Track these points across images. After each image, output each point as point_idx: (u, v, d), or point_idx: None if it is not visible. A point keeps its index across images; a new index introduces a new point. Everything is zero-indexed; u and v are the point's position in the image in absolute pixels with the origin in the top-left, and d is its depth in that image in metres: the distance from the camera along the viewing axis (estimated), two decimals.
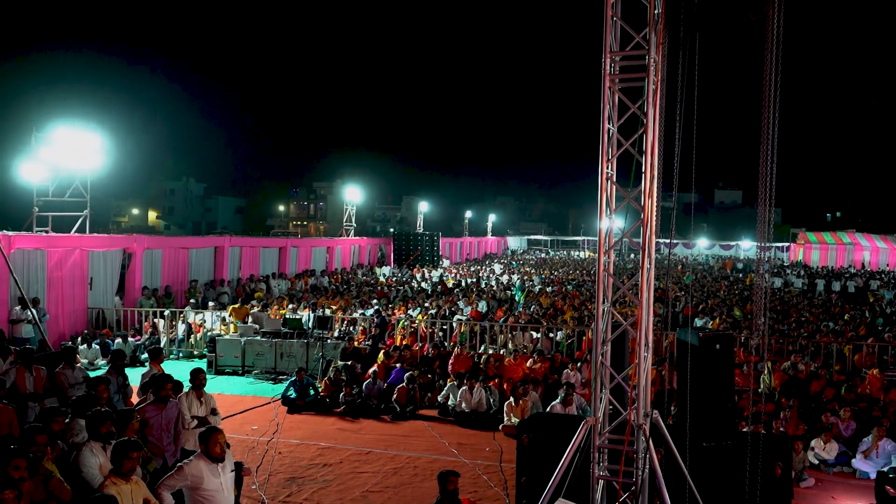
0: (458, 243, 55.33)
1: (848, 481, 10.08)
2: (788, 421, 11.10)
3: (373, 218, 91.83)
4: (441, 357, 15.22)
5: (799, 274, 41.66)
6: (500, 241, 73.00)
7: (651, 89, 6.07)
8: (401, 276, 33.98)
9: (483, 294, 25.41)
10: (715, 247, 68.79)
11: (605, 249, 6.24)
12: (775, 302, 25.20)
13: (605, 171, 6.18)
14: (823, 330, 18.26)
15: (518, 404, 12.09)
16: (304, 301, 21.93)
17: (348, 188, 40.54)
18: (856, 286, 34.50)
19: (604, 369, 6.30)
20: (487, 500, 8.97)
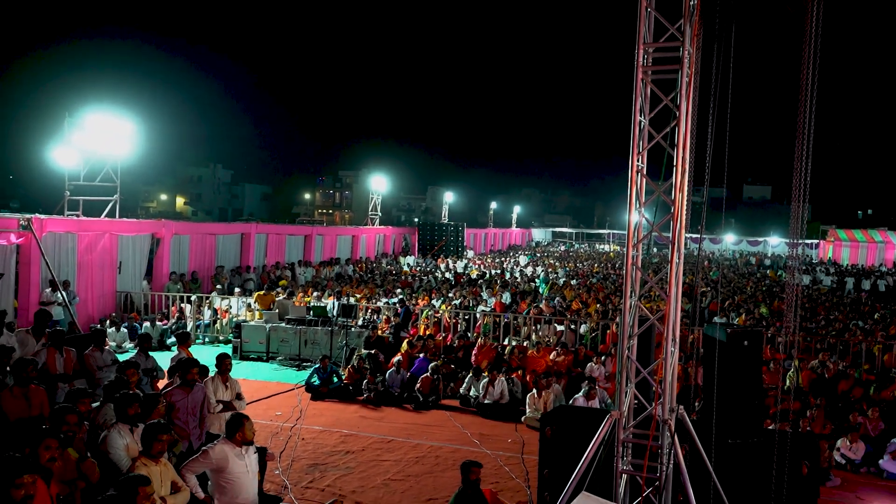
0: (483, 234, 55.26)
1: (875, 482, 9.95)
2: (815, 420, 10.97)
3: (398, 207, 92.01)
4: (464, 348, 15.23)
5: (828, 271, 41.07)
6: (525, 232, 72.81)
7: (684, 82, 5.99)
8: (425, 266, 34.02)
9: (507, 286, 25.37)
10: (742, 242, 68.02)
11: (633, 243, 6.19)
12: (804, 299, 24.88)
13: (635, 164, 6.11)
14: (852, 329, 18.00)
15: (540, 396, 12.07)
16: (329, 289, 22.06)
17: (374, 177, 40.62)
18: (886, 285, 33.98)
19: (630, 363, 6.26)
20: (509, 491, 8.97)
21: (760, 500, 6.28)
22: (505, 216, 71.31)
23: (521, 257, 44.66)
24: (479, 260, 40.97)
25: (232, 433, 6.04)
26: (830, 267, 46.31)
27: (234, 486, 5.95)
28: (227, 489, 5.95)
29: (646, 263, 27.16)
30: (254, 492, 6.15)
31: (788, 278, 36.95)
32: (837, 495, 9.28)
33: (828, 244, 59.77)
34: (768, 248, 65.05)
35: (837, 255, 56.43)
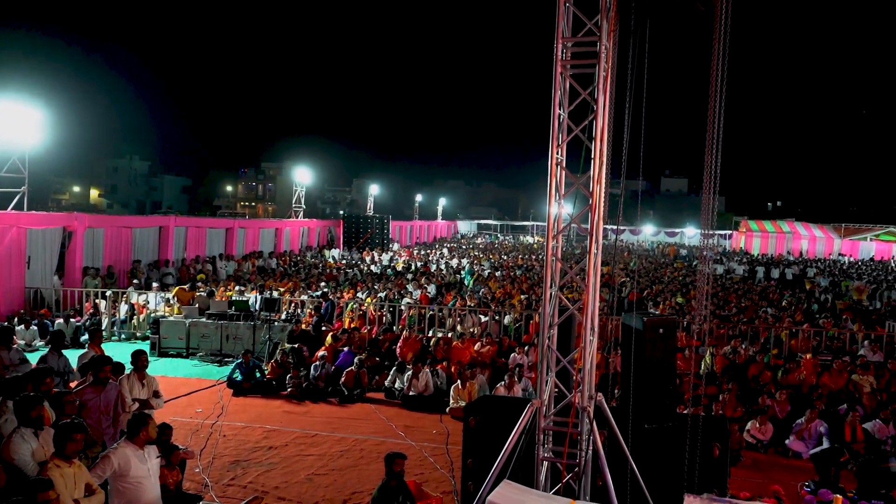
0: (409, 226, 55.24)
1: (781, 461, 10.44)
2: (727, 403, 11.41)
3: (323, 200, 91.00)
4: (390, 340, 15.21)
5: (740, 261, 42.75)
6: (451, 224, 73.15)
7: (601, 76, 6.12)
8: (350, 259, 33.78)
9: (432, 278, 25.45)
10: (661, 234, 70.15)
11: (553, 234, 6.29)
12: (717, 288, 25.85)
13: (554, 157, 6.21)
14: (762, 315, 18.79)
15: (465, 387, 12.17)
16: (252, 283, 21.67)
17: (298, 169, 40.08)
18: (793, 273, 35.57)
19: (550, 353, 6.37)
20: (434, 481, 9.03)
21: (674, 482, 6.49)
22: (430, 208, 71.49)
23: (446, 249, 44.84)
24: (404, 252, 40.95)
25: (135, 432, 5.87)
26: (742, 256, 48.23)
27: (133, 490, 5.76)
28: (127, 494, 5.76)
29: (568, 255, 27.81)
30: (155, 495, 5.98)
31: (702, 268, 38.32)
32: (747, 474, 9.69)
33: (740, 235, 62.24)
34: (685, 239, 67.27)
35: (749, 245, 58.83)
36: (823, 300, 24.87)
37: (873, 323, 19.37)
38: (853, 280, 31.72)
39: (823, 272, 36.93)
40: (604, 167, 6.15)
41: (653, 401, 7.15)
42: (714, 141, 5.78)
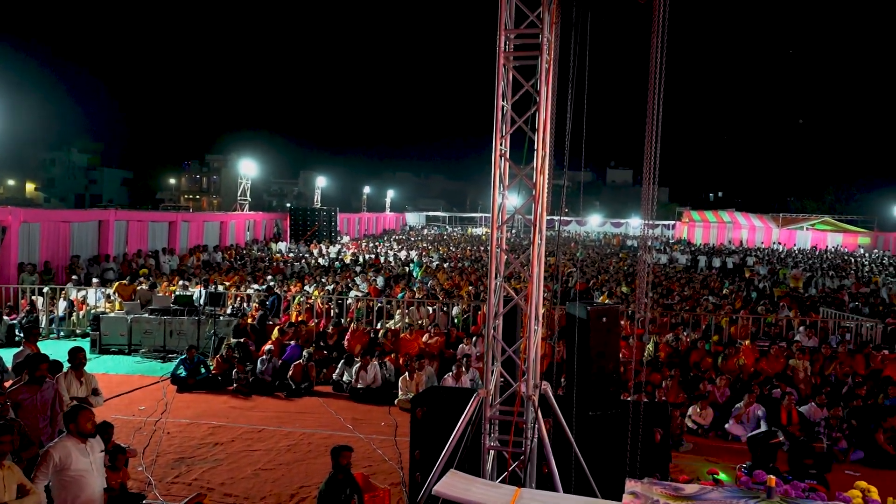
0: (357, 219, 54.96)
1: (722, 444, 10.74)
2: (670, 390, 11.68)
3: (269, 192, 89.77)
4: (337, 333, 15.12)
5: (683, 251, 43.69)
6: (399, 216, 73.03)
7: (544, 68, 6.17)
8: (298, 252, 33.46)
9: (381, 270, 25.39)
10: (607, 224, 71.22)
11: (497, 225, 6.33)
12: (661, 278, 26.38)
13: (498, 148, 6.24)
14: (704, 304, 19.25)
15: (413, 379, 12.19)
16: (197, 277, 21.29)
17: (243, 161, 39.48)
18: (734, 262, 36.50)
19: (495, 343, 6.42)
20: (382, 473, 9.03)
21: (618, 467, 6.62)
22: (379, 200, 71.17)
23: (395, 241, 44.70)
24: (353, 245, 40.74)
25: (69, 426, 5.74)
26: (685, 246, 49.31)
27: (76, 484, 5.64)
28: (70, 488, 5.64)
29: (517, 245, 28.06)
30: (98, 491, 5.85)
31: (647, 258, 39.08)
32: (689, 458, 9.94)
33: (683, 225, 63.59)
34: (630, 230, 68.43)
35: (692, 235, 60.16)
36: (762, 288, 25.60)
37: (808, 309, 20.03)
38: (790, 268, 32.70)
39: (762, 261, 38.00)
40: (547, 158, 6.21)
41: (597, 388, 7.28)
42: (654, 133, 5.89)
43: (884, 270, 34.66)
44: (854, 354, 13.60)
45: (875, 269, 35.16)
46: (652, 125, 5.85)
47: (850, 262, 40.37)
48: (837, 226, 60.74)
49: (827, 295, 23.40)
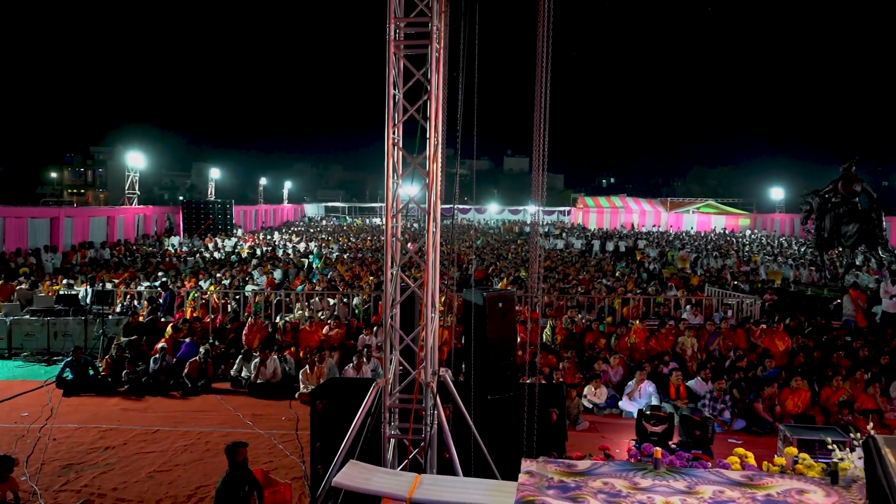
0: (254, 211, 53.68)
1: (617, 421, 11.17)
2: (566, 371, 12.03)
3: (160, 185, 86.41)
4: (235, 329, 14.77)
5: (578, 236, 44.99)
6: (298, 208, 71.88)
7: (434, 56, 6.20)
8: (192, 247, 32.42)
9: (279, 263, 24.94)
10: (504, 212, 72.35)
11: (392, 214, 6.34)
12: (557, 262, 27.08)
13: (391, 137, 6.24)
14: (597, 287, 19.90)
15: (314, 371, 12.07)
16: (83, 275, 20.29)
17: (131, 154, 37.87)
18: (626, 246, 37.85)
19: (393, 332, 6.43)
20: (283, 468, 8.92)
21: (517, 449, 6.77)
22: (276, 192, 69.74)
23: (294, 233, 43.96)
24: (249, 238, 39.82)
25: None
26: (580, 231, 50.79)
27: None
28: None
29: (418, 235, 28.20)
30: None
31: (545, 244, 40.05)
32: (585, 436, 10.28)
33: (577, 211, 65.43)
34: (527, 216, 69.82)
35: (586, 220, 61.98)
36: (653, 270, 26.69)
37: (694, 289, 21.04)
38: (678, 250, 34.22)
39: (652, 244, 39.59)
40: (440, 147, 6.26)
41: (495, 373, 7.41)
42: (542, 120, 6.03)
43: (762, 249, 36.82)
44: (736, 330, 14.39)
45: (754, 249, 37.32)
46: (540, 113, 5.99)
47: (732, 242, 42.65)
48: (720, 208, 64.08)
49: (711, 275, 24.62)
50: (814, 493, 4.23)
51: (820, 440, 6.64)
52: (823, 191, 20.53)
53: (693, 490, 4.24)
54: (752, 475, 4.59)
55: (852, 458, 4.89)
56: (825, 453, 5.84)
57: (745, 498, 4.14)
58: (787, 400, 10.89)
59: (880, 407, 10.61)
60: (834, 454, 4.98)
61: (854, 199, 19.74)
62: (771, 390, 10.94)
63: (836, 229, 19.73)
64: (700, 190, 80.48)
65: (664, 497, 4.13)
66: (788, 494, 4.20)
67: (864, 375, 11.36)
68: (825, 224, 20.25)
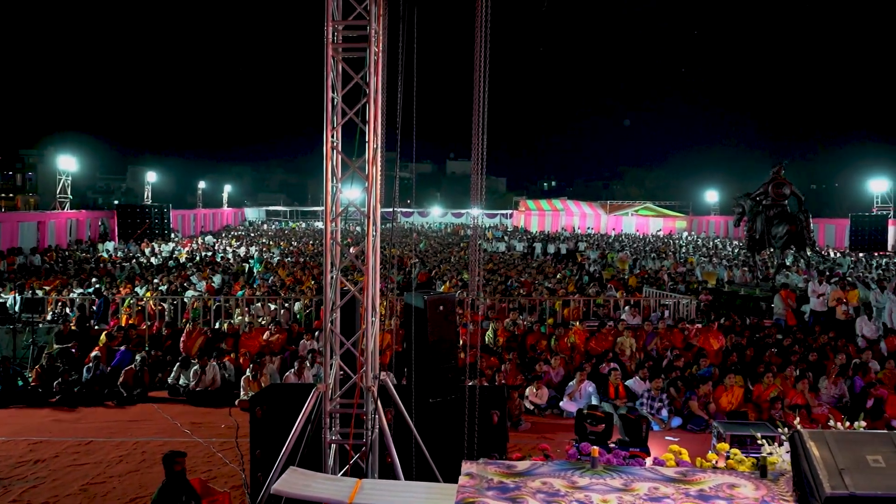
0: (192, 215, 52.66)
1: (558, 422, 11.31)
2: (508, 373, 12.12)
3: (94, 189, 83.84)
4: (172, 335, 14.45)
5: (520, 238, 45.42)
6: (238, 212, 70.80)
7: (373, 59, 6.20)
8: (127, 252, 31.62)
9: (218, 268, 24.51)
10: (447, 215, 72.53)
11: (331, 218, 6.30)
12: (499, 265, 27.29)
13: (329, 140, 6.21)
14: (539, 289, 20.12)
15: (255, 378, 11.90)
16: (11, 282, 19.58)
17: (62, 157, 36.74)
18: (567, 248, 38.38)
19: (333, 336, 6.39)
20: (223, 477, 8.77)
21: (459, 451, 6.79)
22: (215, 196, 68.49)
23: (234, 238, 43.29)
24: (188, 242, 39.02)
25: None
26: (522, 234, 51.31)
27: None
28: None
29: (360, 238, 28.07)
30: None
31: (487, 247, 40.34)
32: (527, 437, 10.38)
33: (520, 213, 66.07)
34: (471, 220, 70.15)
35: (528, 223, 62.65)
36: (593, 271, 27.11)
37: (632, 290, 21.46)
38: (617, 252, 34.86)
39: (593, 246, 40.23)
40: (379, 150, 6.25)
41: (436, 376, 7.43)
42: (480, 123, 6.07)
43: (697, 251, 37.79)
44: (672, 329, 14.73)
45: (690, 250, 38.28)
46: (479, 116, 6.03)
47: (669, 244, 43.66)
48: (658, 211, 65.61)
49: (649, 276, 25.14)
50: (744, 486, 4.36)
51: (751, 436, 6.86)
52: (755, 194, 21.17)
53: (629, 487, 4.33)
54: (686, 471, 4.71)
55: (780, 452, 5.06)
56: (756, 448, 6.03)
57: (678, 494, 4.24)
58: (721, 397, 11.20)
59: (808, 402, 10.99)
60: (763, 449, 5.14)
61: (783, 201, 20.41)
62: (706, 388, 11.23)
63: (767, 231, 20.36)
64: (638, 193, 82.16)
65: (601, 495, 4.21)
66: (720, 489, 4.32)
67: (794, 372, 11.76)
68: (756, 226, 20.88)
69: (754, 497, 4.19)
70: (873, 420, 10.52)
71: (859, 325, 15.28)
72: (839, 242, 41.78)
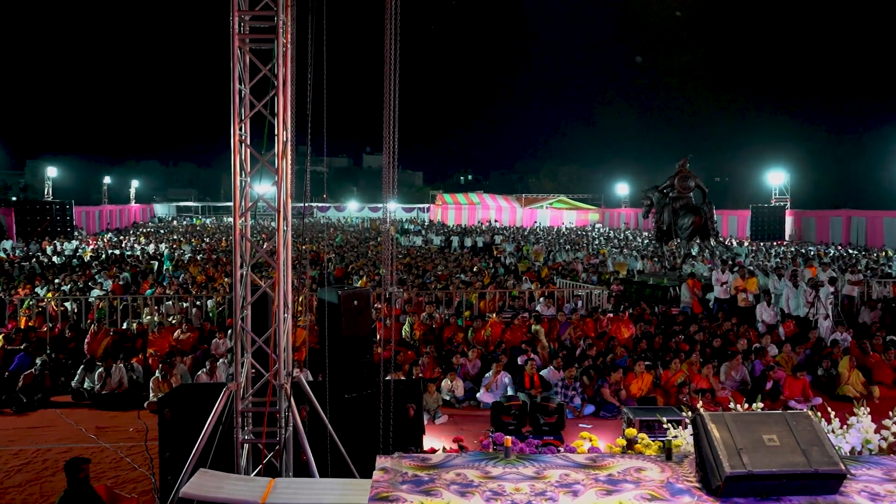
0: (97, 212, 50.61)
1: (475, 413, 11.40)
2: (426, 366, 12.16)
3: None
4: (76, 337, 13.85)
5: (438, 232, 45.60)
6: (147, 208, 68.49)
7: (281, 51, 6.08)
8: (27, 251, 30.11)
9: (126, 266, 23.64)
10: (364, 209, 72.10)
11: (240, 213, 6.16)
12: (417, 259, 27.32)
13: (237, 133, 6.06)
14: (455, 282, 20.25)
15: (165, 379, 11.53)
16: None
17: None
18: (484, 241, 38.75)
19: (244, 334, 6.26)
20: (132, 482, 8.47)
21: (375, 447, 6.77)
22: (122, 191, 65.99)
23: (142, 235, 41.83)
24: (93, 240, 37.47)
25: None
26: (440, 228, 51.52)
27: None
28: None
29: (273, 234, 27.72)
30: None
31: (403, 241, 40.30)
32: (444, 429, 10.43)
33: (437, 207, 66.30)
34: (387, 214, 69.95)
35: (445, 216, 62.93)
36: (509, 264, 27.46)
37: (547, 281, 21.86)
38: (532, 244, 35.43)
39: (509, 239, 40.75)
40: (289, 144, 6.14)
41: (351, 371, 7.38)
42: (391, 117, 6.04)
43: (609, 242, 38.82)
44: (585, 319, 15.08)
45: (602, 242, 39.29)
46: (389, 110, 6.00)
47: (582, 236, 44.70)
48: (571, 204, 67.08)
49: (563, 267, 25.65)
50: (650, 469, 4.49)
51: (658, 420, 7.09)
52: (662, 186, 21.88)
53: (541, 475, 4.40)
54: (596, 457, 4.82)
55: (685, 434, 5.26)
56: (663, 432, 6.24)
57: (589, 479, 4.34)
58: (632, 384, 11.54)
59: (713, 386, 11.45)
60: (669, 432, 5.33)
61: (689, 194, 21.16)
62: (616, 376, 11.54)
63: (674, 222, 21.09)
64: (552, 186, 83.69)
65: (514, 484, 4.26)
66: (628, 473, 4.44)
67: (700, 358, 12.24)
68: (664, 218, 21.59)
69: (660, 479, 4.32)
70: (772, 401, 11.08)
71: (759, 311, 16.02)
72: (741, 233, 43.75)
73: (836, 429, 5.43)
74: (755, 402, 5.77)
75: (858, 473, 4.30)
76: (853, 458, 4.81)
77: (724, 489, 3.93)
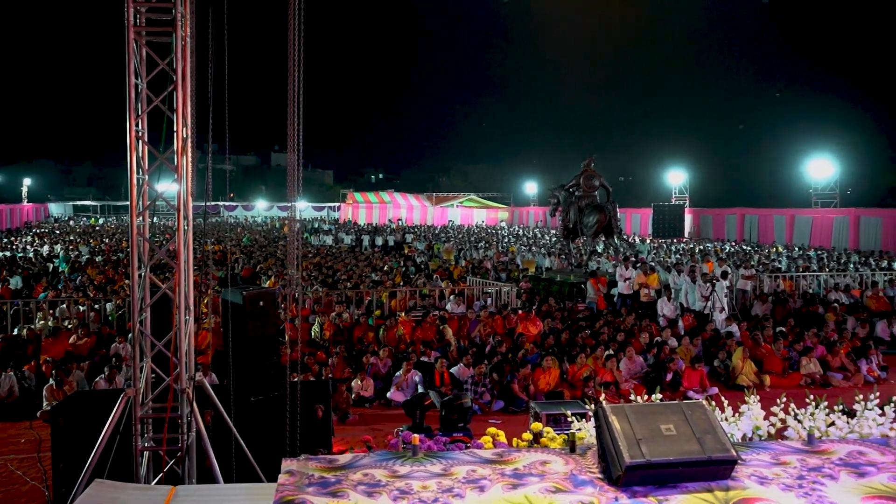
0: None
1: (385, 412, 11.38)
2: (336, 366, 12.04)
3: None
4: None
5: (348, 231, 45.28)
6: (41, 207, 65.25)
7: (180, 45, 5.89)
8: None
9: (17, 268, 22.42)
10: (273, 208, 70.85)
11: (138, 212, 5.93)
12: (327, 258, 27.04)
13: (133, 130, 5.83)
14: (366, 281, 20.14)
15: (59, 386, 10.99)
16: None
17: None
18: (395, 240, 38.73)
19: (143, 338, 6.04)
20: (23, 496, 8.04)
21: (283, 450, 6.66)
22: (14, 190, 62.63)
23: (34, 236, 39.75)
24: None
25: None
26: (350, 227, 51.18)
27: None
28: None
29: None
30: None
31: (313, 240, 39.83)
32: (355, 430, 10.35)
33: (347, 206, 65.84)
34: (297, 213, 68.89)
35: (356, 215, 62.55)
36: (420, 263, 27.53)
37: (457, 279, 22.04)
38: (443, 243, 35.64)
39: (420, 237, 40.86)
40: (189, 140, 5.96)
41: (258, 373, 7.23)
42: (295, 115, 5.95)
43: (518, 240, 39.47)
44: (494, 316, 15.27)
45: (511, 240, 39.90)
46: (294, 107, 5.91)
47: (492, 234, 45.27)
48: (482, 202, 67.86)
49: (473, 265, 25.91)
50: (555, 462, 4.59)
51: (563, 414, 7.25)
52: (568, 185, 22.36)
53: (448, 472, 4.43)
54: (503, 452, 4.89)
55: (588, 427, 5.39)
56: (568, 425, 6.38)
57: (495, 474, 4.39)
58: (540, 379, 11.76)
59: (617, 379, 11.80)
60: (573, 425, 5.46)
61: (594, 192, 21.71)
62: (525, 371, 11.74)
63: (580, 220, 21.57)
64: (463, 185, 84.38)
65: (421, 482, 4.27)
66: (533, 466, 4.52)
67: (604, 352, 12.58)
68: (570, 216, 22.06)
69: (564, 471, 4.42)
70: (673, 392, 11.52)
71: (660, 305, 16.61)
72: (643, 230, 45.29)
73: (730, 416, 5.67)
74: (654, 394, 5.98)
75: (749, 458, 4.51)
76: (744, 444, 5.05)
77: (624, 479, 4.05)
